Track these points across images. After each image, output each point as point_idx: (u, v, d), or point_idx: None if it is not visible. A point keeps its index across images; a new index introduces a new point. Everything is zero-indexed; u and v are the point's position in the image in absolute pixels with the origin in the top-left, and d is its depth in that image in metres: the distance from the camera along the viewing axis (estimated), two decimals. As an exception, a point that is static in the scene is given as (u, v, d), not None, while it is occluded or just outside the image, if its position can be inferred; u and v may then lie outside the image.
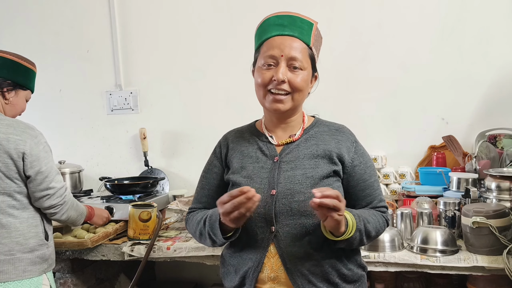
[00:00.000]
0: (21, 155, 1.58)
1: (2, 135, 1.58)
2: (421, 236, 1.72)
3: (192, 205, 1.41)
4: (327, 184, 1.23)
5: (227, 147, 1.37)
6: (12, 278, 1.56)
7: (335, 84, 2.45)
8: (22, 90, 1.79)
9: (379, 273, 1.82)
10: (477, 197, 1.82)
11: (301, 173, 1.23)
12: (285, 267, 1.21)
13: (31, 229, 1.63)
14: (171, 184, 2.67)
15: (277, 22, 1.24)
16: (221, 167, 1.36)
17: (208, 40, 2.63)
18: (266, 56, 1.22)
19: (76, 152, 2.82)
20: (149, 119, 2.74)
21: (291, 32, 1.23)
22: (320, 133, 1.31)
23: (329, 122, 1.37)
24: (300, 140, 1.30)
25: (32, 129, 1.65)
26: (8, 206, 1.59)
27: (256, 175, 1.26)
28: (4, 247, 1.56)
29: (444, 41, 2.37)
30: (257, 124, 1.40)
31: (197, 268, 2.44)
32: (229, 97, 2.63)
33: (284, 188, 1.22)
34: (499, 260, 1.61)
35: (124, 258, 1.94)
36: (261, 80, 1.23)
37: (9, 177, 1.59)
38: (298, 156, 1.27)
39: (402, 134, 2.45)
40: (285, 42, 1.22)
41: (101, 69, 2.78)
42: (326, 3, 2.47)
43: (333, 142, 1.28)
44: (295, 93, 1.23)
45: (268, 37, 1.24)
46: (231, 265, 1.30)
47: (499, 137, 2.22)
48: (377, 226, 1.25)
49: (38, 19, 2.82)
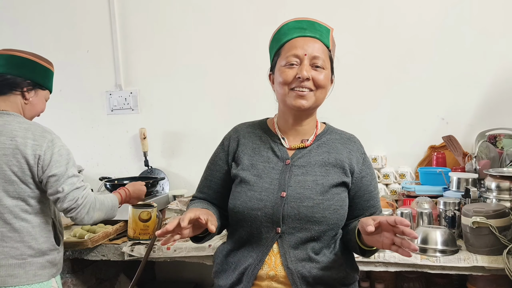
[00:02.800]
0: (37, 159, 1.57)
1: (21, 140, 1.56)
2: (421, 236, 1.72)
3: (195, 193, 1.43)
4: (335, 193, 1.24)
5: (237, 141, 1.35)
6: (23, 283, 1.55)
7: (335, 84, 2.44)
8: (41, 90, 1.76)
9: (379, 273, 1.82)
10: (477, 197, 1.82)
11: (312, 179, 1.24)
12: (286, 267, 1.21)
13: (43, 233, 1.62)
14: (171, 184, 2.67)
15: (297, 26, 1.27)
16: (226, 160, 1.35)
17: (208, 40, 2.63)
18: (289, 56, 1.23)
19: (76, 152, 2.76)
20: (149, 119, 2.74)
21: (312, 34, 1.26)
22: (332, 141, 1.32)
23: (340, 130, 1.38)
24: (312, 146, 1.30)
25: (49, 133, 1.63)
26: (21, 210, 1.58)
27: (266, 175, 1.26)
28: (16, 251, 1.56)
29: (444, 41, 2.37)
30: (268, 123, 1.38)
31: (197, 268, 2.44)
32: (229, 97, 2.62)
33: (294, 192, 1.22)
34: (499, 260, 1.61)
35: (124, 258, 1.94)
36: (284, 78, 1.23)
37: (25, 182, 1.57)
38: (309, 162, 1.27)
39: (402, 134, 2.45)
40: (308, 43, 1.24)
41: (101, 69, 2.78)
42: (326, 3, 2.47)
43: (345, 152, 1.30)
44: (318, 90, 1.25)
45: (289, 38, 1.26)
46: (229, 263, 1.30)
47: (499, 137, 2.22)
48: None
49: (38, 19, 2.83)
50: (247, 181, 1.27)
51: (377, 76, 2.45)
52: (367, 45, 2.45)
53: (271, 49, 1.34)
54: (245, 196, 1.26)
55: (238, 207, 1.26)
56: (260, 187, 1.25)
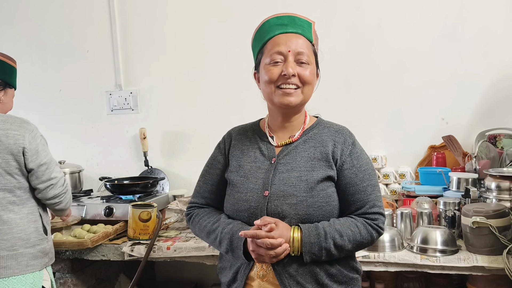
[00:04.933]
0: (21, 150, 1.60)
1: (1, 131, 1.59)
2: (421, 236, 1.72)
3: (194, 199, 1.39)
4: (320, 189, 1.22)
5: (230, 144, 1.37)
6: (16, 273, 1.58)
7: (335, 84, 2.45)
8: (10, 88, 1.81)
9: (379, 273, 1.82)
10: (477, 197, 1.82)
11: (296, 175, 1.23)
12: (273, 267, 1.21)
13: (31, 224, 1.65)
14: (171, 184, 2.67)
15: (277, 22, 1.25)
16: (225, 163, 1.36)
17: (208, 40, 2.63)
18: (273, 53, 1.22)
19: (76, 152, 2.81)
20: (149, 119, 2.74)
21: (294, 29, 1.24)
22: (319, 135, 1.29)
23: (331, 123, 1.35)
24: (299, 142, 1.29)
25: (28, 123, 1.67)
26: (9, 202, 1.61)
27: (252, 175, 1.27)
28: (7, 243, 1.58)
29: (444, 41, 2.37)
30: (260, 123, 1.39)
31: (197, 268, 2.44)
32: (229, 97, 2.62)
33: (277, 189, 1.22)
34: (499, 260, 1.61)
35: (124, 258, 1.94)
36: (269, 76, 1.22)
37: (10, 173, 1.60)
38: (295, 158, 1.26)
39: (402, 134, 2.45)
40: (290, 39, 1.23)
41: (101, 69, 2.77)
42: (326, 3, 2.47)
43: (330, 144, 1.27)
44: (305, 86, 1.23)
45: (271, 36, 1.25)
46: (227, 260, 1.31)
47: (499, 137, 2.22)
48: (356, 238, 1.20)
49: (38, 19, 2.82)
50: (235, 183, 1.28)
51: (377, 76, 2.45)
52: (367, 45, 2.45)
53: (254, 48, 1.33)
54: (233, 199, 1.27)
55: (228, 210, 1.28)
56: (245, 188, 1.25)
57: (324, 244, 1.17)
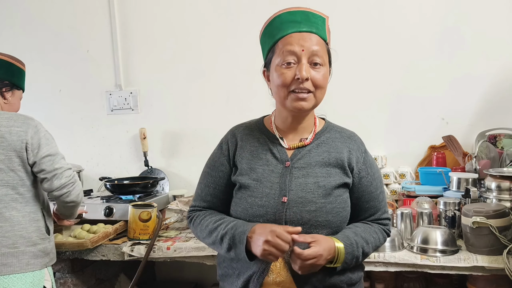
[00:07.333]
0: (24, 146, 1.62)
1: (4, 128, 1.61)
2: (421, 236, 1.72)
3: (195, 203, 1.35)
4: (337, 195, 1.21)
5: (235, 145, 1.30)
6: (16, 271, 1.59)
7: (335, 84, 2.43)
8: (17, 90, 1.84)
9: (379, 273, 1.82)
10: (477, 197, 1.82)
11: (313, 181, 1.20)
12: (292, 273, 1.19)
13: (33, 223, 1.65)
14: (171, 184, 2.67)
15: (290, 19, 1.19)
16: (229, 166, 1.30)
17: (208, 40, 2.63)
18: (286, 53, 1.16)
19: (76, 152, 2.81)
20: (149, 119, 2.74)
21: (308, 28, 1.18)
22: (332, 140, 1.27)
23: (341, 127, 1.33)
24: (312, 146, 1.26)
25: (32, 119, 1.69)
26: (12, 199, 1.62)
27: (266, 179, 1.22)
28: (8, 240, 1.59)
29: (444, 41, 2.37)
30: (265, 122, 1.33)
31: (197, 268, 2.44)
32: (229, 97, 2.62)
33: (296, 196, 1.19)
34: (499, 260, 1.61)
35: (124, 258, 1.94)
36: (282, 80, 1.17)
37: (12, 169, 1.61)
38: (310, 163, 1.23)
39: (402, 134, 2.45)
40: (304, 38, 1.17)
41: (101, 69, 2.77)
42: (326, 2, 2.47)
43: (345, 151, 1.26)
44: (317, 90, 1.19)
45: (283, 35, 1.18)
46: (232, 267, 1.27)
47: (499, 137, 2.22)
48: (376, 244, 1.28)
49: (38, 19, 2.82)
50: (247, 187, 1.23)
51: (377, 76, 2.45)
52: (367, 45, 2.45)
53: (263, 44, 1.26)
54: (246, 203, 1.22)
55: (240, 214, 1.23)
56: (260, 192, 1.21)
57: (356, 253, 1.19)
